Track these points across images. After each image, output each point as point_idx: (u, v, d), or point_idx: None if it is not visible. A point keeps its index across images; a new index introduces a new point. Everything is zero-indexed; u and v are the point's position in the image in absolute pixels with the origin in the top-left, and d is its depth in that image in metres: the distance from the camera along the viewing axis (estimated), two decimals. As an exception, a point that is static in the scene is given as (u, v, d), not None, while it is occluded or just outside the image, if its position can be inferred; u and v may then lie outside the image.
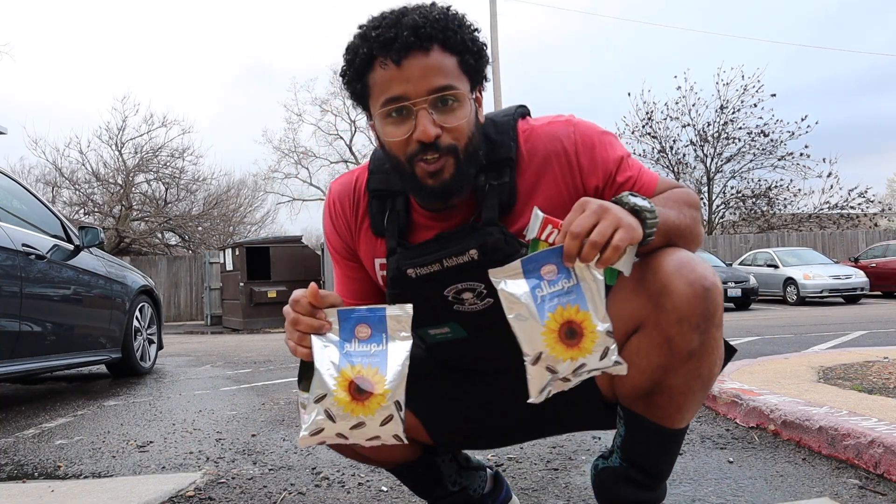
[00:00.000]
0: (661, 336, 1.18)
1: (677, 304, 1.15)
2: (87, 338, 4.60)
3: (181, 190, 23.79)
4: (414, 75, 1.13)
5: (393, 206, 1.30)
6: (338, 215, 1.37)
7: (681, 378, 1.20)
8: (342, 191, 1.37)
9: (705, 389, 1.24)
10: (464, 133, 1.17)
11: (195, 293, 19.14)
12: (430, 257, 1.24)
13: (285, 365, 5.89)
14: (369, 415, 1.03)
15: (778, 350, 5.34)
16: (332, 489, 2.01)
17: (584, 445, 2.42)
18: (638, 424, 1.27)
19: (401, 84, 1.13)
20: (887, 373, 3.31)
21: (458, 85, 1.16)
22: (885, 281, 15.44)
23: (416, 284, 1.26)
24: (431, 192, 1.19)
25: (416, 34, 1.12)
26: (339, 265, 1.42)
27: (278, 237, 14.80)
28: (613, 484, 1.32)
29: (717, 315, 1.17)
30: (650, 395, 1.23)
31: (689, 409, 1.25)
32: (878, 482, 1.84)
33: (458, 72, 1.17)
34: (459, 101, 1.16)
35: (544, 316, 1.02)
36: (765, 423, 2.49)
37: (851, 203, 23.23)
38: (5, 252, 3.73)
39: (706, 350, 1.19)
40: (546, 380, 1.03)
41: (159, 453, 2.60)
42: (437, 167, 1.16)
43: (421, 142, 1.14)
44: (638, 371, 1.21)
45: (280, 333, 12.09)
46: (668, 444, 1.29)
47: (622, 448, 1.31)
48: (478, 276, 1.22)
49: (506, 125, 1.28)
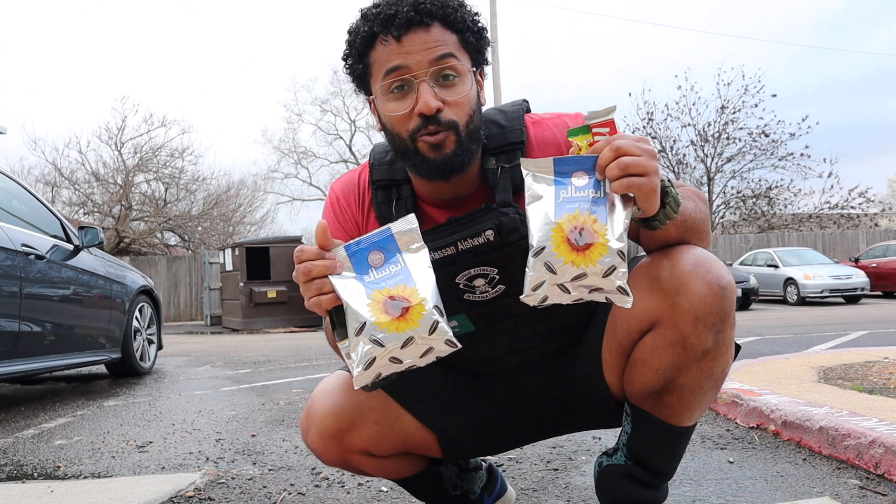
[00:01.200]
0: (676, 335, 1.17)
1: (694, 302, 1.15)
2: (86, 338, 4.60)
3: (181, 190, 23.79)
4: (415, 48, 1.13)
5: (399, 195, 1.30)
6: (343, 211, 1.35)
7: (693, 377, 1.20)
8: (345, 188, 1.36)
9: (716, 389, 1.24)
10: (465, 109, 1.17)
11: (195, 293, 19.14)
12: (445, 240, 1.22)
13: (285, 365, 5.89)
14: (415, 327, 0.99)
15: (778, 350, 5.33)
16: (332, 489, 2.01)
17: (584, 445, 2.41)
18: (646, 422, 1.27)
19: (401, 56, 1.14)
20: (888, 373, 3.31)
21: (460, 57, 1.16)
22: (886, 281, 15.44)
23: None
24: (432, 165, 1.18)
25: (416, 9, 1.13)
26: None
27: (278, 237, 14.79)
28: (617, 482, 1.31)
29: (731, 314, 1.18)
30: (660, 394, 1.23)
31: (698, 408, 1.25)
32: (879, 482, 1.84)
33: (460, 48, 1.17)
34: (460, 77, 1.16)
35: (560, 215, 0.99)
36: (765, 424, 2.49)
37: (852, 203, 23.24)
38: (5, 252, 3.73)
39: (720, 349, 1.19)
40: (543, 278, 0.99)
41: (159, 453, 2.60)
42: (438, 139, 1.15)
43: (423, 115, 1.14)
44: (650, 369, 1.21)
45: (280, 333, 12.10)
46: (675, 442, 1.28)
47: (628, 446, 1.30)
48: (492, 259, 1.22)
49: (515, 113, 1.29)
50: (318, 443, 1.36)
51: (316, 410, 1.36)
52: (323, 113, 29.36)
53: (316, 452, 1.39)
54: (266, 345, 8.82)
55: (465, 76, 1.17)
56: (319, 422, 1.35)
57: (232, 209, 25.75)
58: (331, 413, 1.34)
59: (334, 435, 1.34)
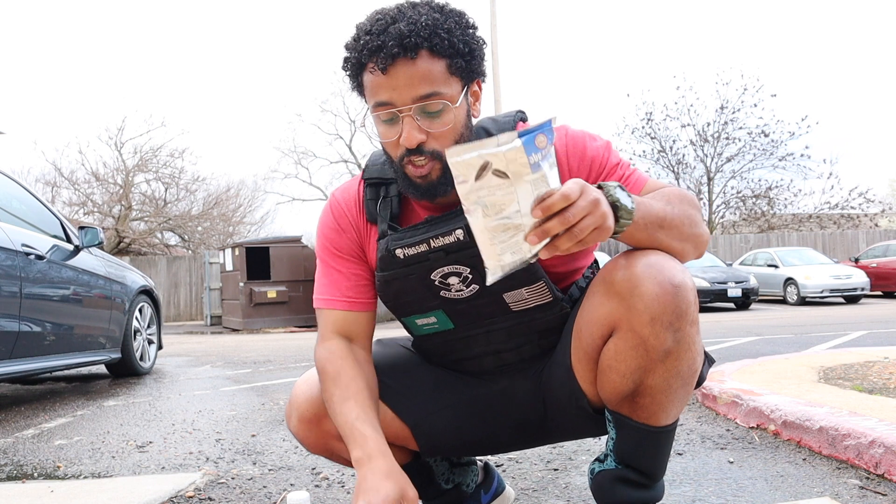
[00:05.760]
0: (635, 337, 1.18)
1: (648, 303, 1.16)
2: (86, 338, 4.60)
3: (181, 190, 23.81)
4: (400, 83, 1.16)
5: (386, 193, 1.35)
6: (342, 215, 1.40)
7: (660, 377, 1.21)
8: (345, 195, 1.41)
9: (687, 387, 1.24)
10: (450, 138, 1.21)
11: (195, 293, 19.13)
12: (417, 238, 1.28)
13: (285, 365, 5.89)
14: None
15: (778, 350, 5.33)
16: (332, 489, 2.01)
17: (584, 445, 2.41)
18: (625, 426, 1.28)
19: (387, 91, 1.17)
20: (888, 373, 3.31)
21: (445, 90, 1.18)
22: (886, 281, 15.43)
23: (404, 265, 1.30)
24: (419, 190, 1.25)
25: (401, 45, 1.15)
26: (335, 264, 1.41)
27: (278, 237, 14.78)
28: (610, 486, 1.32)
29: (689, 312, 1.18)
30: (633, 397, 1.24)
31: (672, 407, 1.25)
32: (879, 482, 1.84)
33: (447, 75, 1.19)
34: (445, 108, 1.19)
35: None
36: (765, 424, 2.49)
37: (852, 203, 23.24)
38: (5, 252, 3.73)
39: (682, 348, 1.19)
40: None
41: (159, 453, 2.60)
42: (423, 171, 1.22)
43: (407, 147, 1.20)
44: (618, 374, 1.23)
45: (280, 333, 12.09)
46: (657, 442, 1.29)
47: (615, 451, 1.31)
48: (464, 259, 1.27)
49: (506, 123, 1.33)
50: (298, 427, 1.41)
51: (295, 398, 1.41)
52: (323, 113, 29.40)
53: (298, 438, 1.43)
54: (266, 345, 8.82)
55: (450, 108, 1.20)
56: (298, 406, 1.40)
57: (232, 209, 25.77)
58: (308, 398, 1.39)
59: (311, 420, 1.38)
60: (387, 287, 1.35)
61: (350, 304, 1.38)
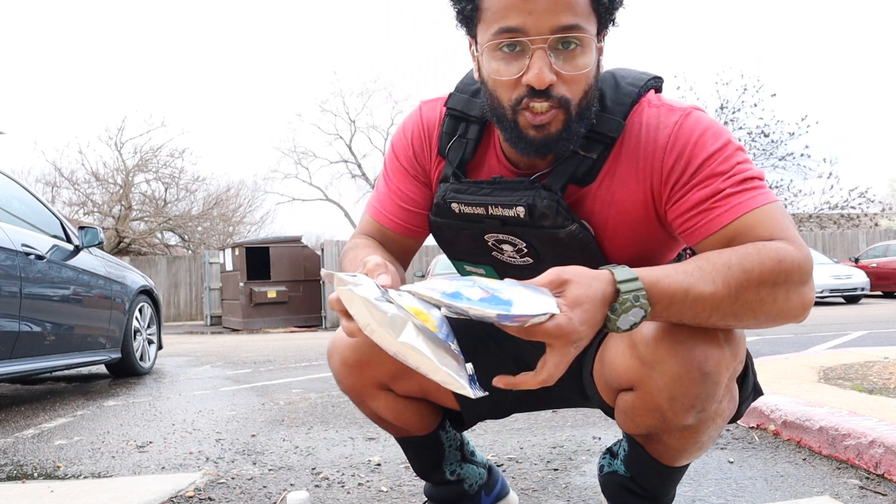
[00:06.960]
0: (653, 404, 1.08)
1: (668, 383, 1.04)
2: (86, 338, 4.60)
3: (181, 190, 23.79)
4: (539, 7, 0.97)
5: (465, 132, 1.20)
6: (418, 135, 1.27)
7: (676, 440, 1.13)
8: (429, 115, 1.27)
9: (703, 449, 1.18)
10: (581, 85, 1.02)
11: (195, 293, 19.14)
12: (477, 199, 1.15)
13: (285, 365, 5.89)
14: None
15: (778, 350, 5.33)
16: (332, 489, 2.01)
17: (585, 445, 2.42)
18: (638, 451, 1.23)
19: (520, 15, 0.98)
20: (888, 373, 3.31)
21: (587, 27, 1.00)
22: (886, 281, 15.43)
23: (458, 218, 1.20)
24: (532, 144, 1.05)
25: None
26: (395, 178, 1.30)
27: (278, 237, 14.79)
28: (620, 493, 1.30)
29: (717, 395, 1.06)
30: (647, 439, 1.18)
31: (691, 457, 1.20)
32: (879, 482, 1.84)
33: (589, 10, 1.01)
34: (584, 47, 1.01)
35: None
36: (765, 424, 2.49)
37: (852, 203, 23.25)
38: (5, 252, 3.73)
39: (704, 425, 1.10)
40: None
41: (159, 453, 2.60)
42: (544, 120, 1.02)
43: (531, 86, 1.00)
44: (633, 423, 1.15)
45: (280, 333, 12.10)
46: (668, 476, 1.24)
47: (625, 462, 1.28)
48: (521, 233, 1.15)
49: (628, 96, 1.12)
50: (338, 368, 1.35)
51: (339, 341, 1.34)
52: (323, 113, 29.40)
53: (336, 377, 1.38)
54: (266, 345, 8.82)
55: (590, 47, 1.01)
56: (341, 352, 1.33)
57: (232, 209, 25.76)
58: (351, 346, 1.31)
59: (353, 365, 1.32)
60: (439, 231, 1.27)
61: (393, 224, 1.30)
